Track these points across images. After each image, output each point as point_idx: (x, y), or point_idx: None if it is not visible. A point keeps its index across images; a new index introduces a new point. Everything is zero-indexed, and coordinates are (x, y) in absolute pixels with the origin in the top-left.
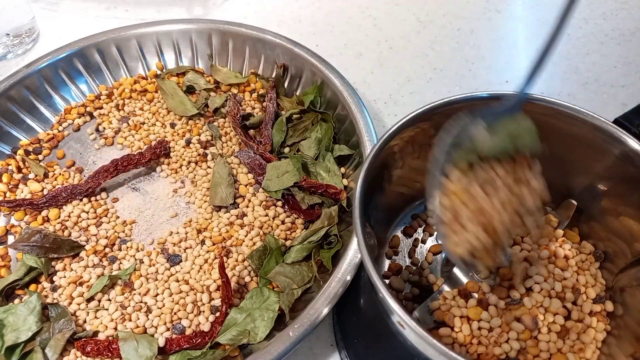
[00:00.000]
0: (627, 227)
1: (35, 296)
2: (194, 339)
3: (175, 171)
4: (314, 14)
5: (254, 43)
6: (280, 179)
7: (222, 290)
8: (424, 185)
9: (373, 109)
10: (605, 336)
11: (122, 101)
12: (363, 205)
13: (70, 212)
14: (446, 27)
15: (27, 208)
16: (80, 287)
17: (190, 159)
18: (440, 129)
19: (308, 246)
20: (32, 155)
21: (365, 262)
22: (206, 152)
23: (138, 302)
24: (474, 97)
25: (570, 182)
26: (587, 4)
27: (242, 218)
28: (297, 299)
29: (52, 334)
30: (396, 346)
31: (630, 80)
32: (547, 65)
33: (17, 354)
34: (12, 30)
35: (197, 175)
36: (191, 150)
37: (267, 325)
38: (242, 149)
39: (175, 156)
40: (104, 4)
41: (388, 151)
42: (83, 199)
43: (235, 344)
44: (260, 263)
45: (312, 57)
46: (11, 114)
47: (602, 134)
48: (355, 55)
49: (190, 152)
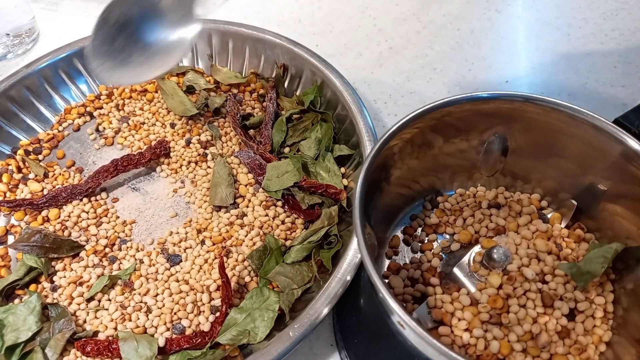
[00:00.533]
0: (627, 228)
1: (35, 296)
2: (194, 339)
3: (175, 171)
4: (314, 14)
5: (254, 43)
6: (280, 179)
7: (222, 290)
8: (424, 186)
9: (373, 109)
10: (607, 337)
11: (122, 101)
12: (363, 205)
13: (70, 212)
14: (446, 27)
15: (27, 208)
16: (80, 287)
17: (190, 159)
18: (439, 130)
19: (308, 246)
20: (32, 155)
21: (365, 262)
22: (206, 152)
23: (138, 302)
24: (474, 97)
25: (570, 182)
26: (587, 4)
27: (242, 218)
28: (297, 299)
29: (52, 334)
30: (396, 346)
31: (630, 80)
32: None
33: (17, 354)
34: (12, 30)
35: (197, 175)
36: (191, 150)
37: (267, 325)
38: (242, 149)
39: (175, 156)
40: (104, 4)
41: (388, 151)
42: (83, 199)
43: (235, 344)
44: (260, 263)
45: (312, 57)
46: (11, 114)
47: (602, 134)
48: (355, 55)
49: (190, 152)
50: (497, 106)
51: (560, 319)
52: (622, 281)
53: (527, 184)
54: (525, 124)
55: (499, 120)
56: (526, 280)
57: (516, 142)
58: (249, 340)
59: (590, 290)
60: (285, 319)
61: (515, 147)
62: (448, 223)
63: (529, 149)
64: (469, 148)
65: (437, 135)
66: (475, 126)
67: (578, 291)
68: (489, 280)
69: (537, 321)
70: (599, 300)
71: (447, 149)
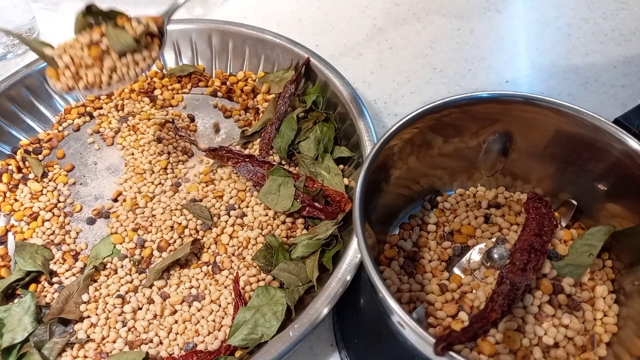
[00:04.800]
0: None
1: (29, 296)
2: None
3: None
4: (314, 14)
5: (254, 43)
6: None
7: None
8: (423, 186)
9: (373, 109)
10: (606, 338)
11: (122, 101)
12: (363, 205)
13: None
14: (446, 27)
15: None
16: None
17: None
18: (439, 130)
19: (316, 242)
20: (32, 155)
21: (365, 262)
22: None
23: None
24: (474, 97)
25: (570, 182)
26: (587, 4)
27: (242, 218)
28: (300, 298)
29: (48, 337)
30: (396, 346)
31: (630, 80)
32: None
33: (14, 355)
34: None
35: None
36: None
37: (278, 318)
38: (240, 165)
39: None
40: (104, 4)
41: (388, 151)
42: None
43: (249, 345)
44: (268, 262)
45: (312, 57)
46: (11, 114)
47: (602, 134)
48: (355, 55)
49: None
50: (497, 106)
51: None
52: (622, 281)
53: (527, 184)
54: (525, 124)
55: (499, 120)
56: None
57: (516, 142)
58: (262, 337)
59: (593, 285)
60: (292, 316)
61: (515, 147)
62: (446, 222)
63: (529, 149)
64: (468, 148)
65: (437, 135)
66: (475, 126)
67: (578, 288)
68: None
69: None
70: (599, 302)
71: (446, 149)
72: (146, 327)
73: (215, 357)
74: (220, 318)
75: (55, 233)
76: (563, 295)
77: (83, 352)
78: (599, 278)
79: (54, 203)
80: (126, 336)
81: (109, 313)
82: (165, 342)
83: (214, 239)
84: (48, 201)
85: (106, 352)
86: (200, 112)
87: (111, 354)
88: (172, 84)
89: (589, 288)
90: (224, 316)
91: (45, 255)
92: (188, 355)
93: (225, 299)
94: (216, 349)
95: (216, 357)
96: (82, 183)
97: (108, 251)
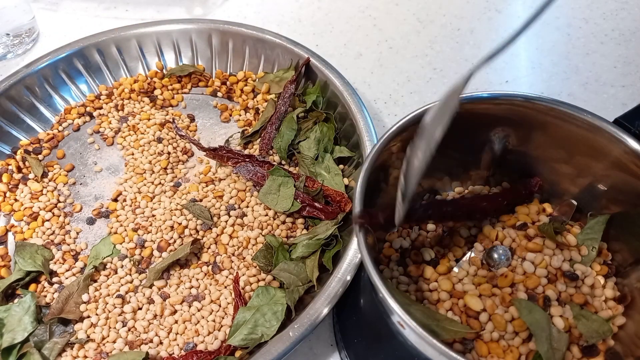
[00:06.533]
0: (627, 227)
1: (29, 296)
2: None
3: None
4: (314, 14)
5: (254, 43)
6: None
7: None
8: (423, 186)
9: (373, 109)
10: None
11: (122, 101)
12: (363, 205)
13: None
14: (446, 27)
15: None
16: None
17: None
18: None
19: (316, 242)
20: (32, 155)
21: (365, 262)
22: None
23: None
24: (474, 97)
25: (570, 182)
26: (587, 4)
27: (242, 218)
28: (300, 298)
29: (48, 337)
30: (396, 346)
31: (630, 80)
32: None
33: (14, 355)
34: (12, 30)
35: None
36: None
37: (278, 318)
38: (240, 165)
39: None
40: (104, 4)
41: (388, 151)
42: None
43: (249, 345)
44: (268, 262)
45: (312, 57)
46: (11, 114)
47: (602, 134)
48: (355, 55)
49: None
50: (497, 106)
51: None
52: (623, 280)
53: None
54: (525, 124)
55: (498, 120)
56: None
57: (516, 142)
58: (262, 338)
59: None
60: (292, 316)
61: (515, 147)
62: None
63: (529, 149)
64: (468, 148)
65: None
66: (475, 126)
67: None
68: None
69: None
70: (599, 300)
71: (446, 149)
72: (146, 327)
73: (215, 357)
74: (220, 318)
75: (55, 233)
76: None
77: (83, 352)
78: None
79: (54, 203)
80: (126, 336)
81: (109, 313)
82: (165, 342)
83: (214, 239)
84: (48, 201)
85: (106, 352)
86: (200, 112)
87: (111, 354)
88: (172, 84)
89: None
90: (224, 316)
91: (45, 255)
92: (188, 355)
93: (225, 299)
94: (216, 349)
95: (216, 357)
96: (82, 183)
97: (108, 251)
